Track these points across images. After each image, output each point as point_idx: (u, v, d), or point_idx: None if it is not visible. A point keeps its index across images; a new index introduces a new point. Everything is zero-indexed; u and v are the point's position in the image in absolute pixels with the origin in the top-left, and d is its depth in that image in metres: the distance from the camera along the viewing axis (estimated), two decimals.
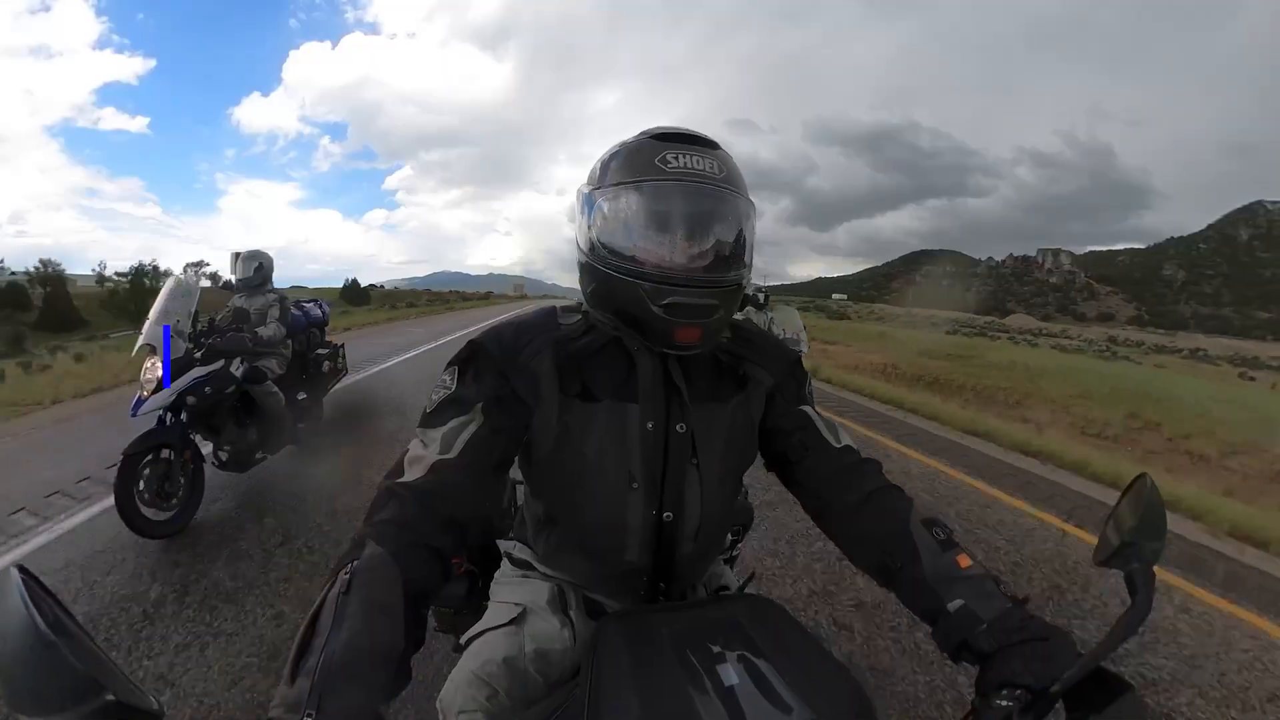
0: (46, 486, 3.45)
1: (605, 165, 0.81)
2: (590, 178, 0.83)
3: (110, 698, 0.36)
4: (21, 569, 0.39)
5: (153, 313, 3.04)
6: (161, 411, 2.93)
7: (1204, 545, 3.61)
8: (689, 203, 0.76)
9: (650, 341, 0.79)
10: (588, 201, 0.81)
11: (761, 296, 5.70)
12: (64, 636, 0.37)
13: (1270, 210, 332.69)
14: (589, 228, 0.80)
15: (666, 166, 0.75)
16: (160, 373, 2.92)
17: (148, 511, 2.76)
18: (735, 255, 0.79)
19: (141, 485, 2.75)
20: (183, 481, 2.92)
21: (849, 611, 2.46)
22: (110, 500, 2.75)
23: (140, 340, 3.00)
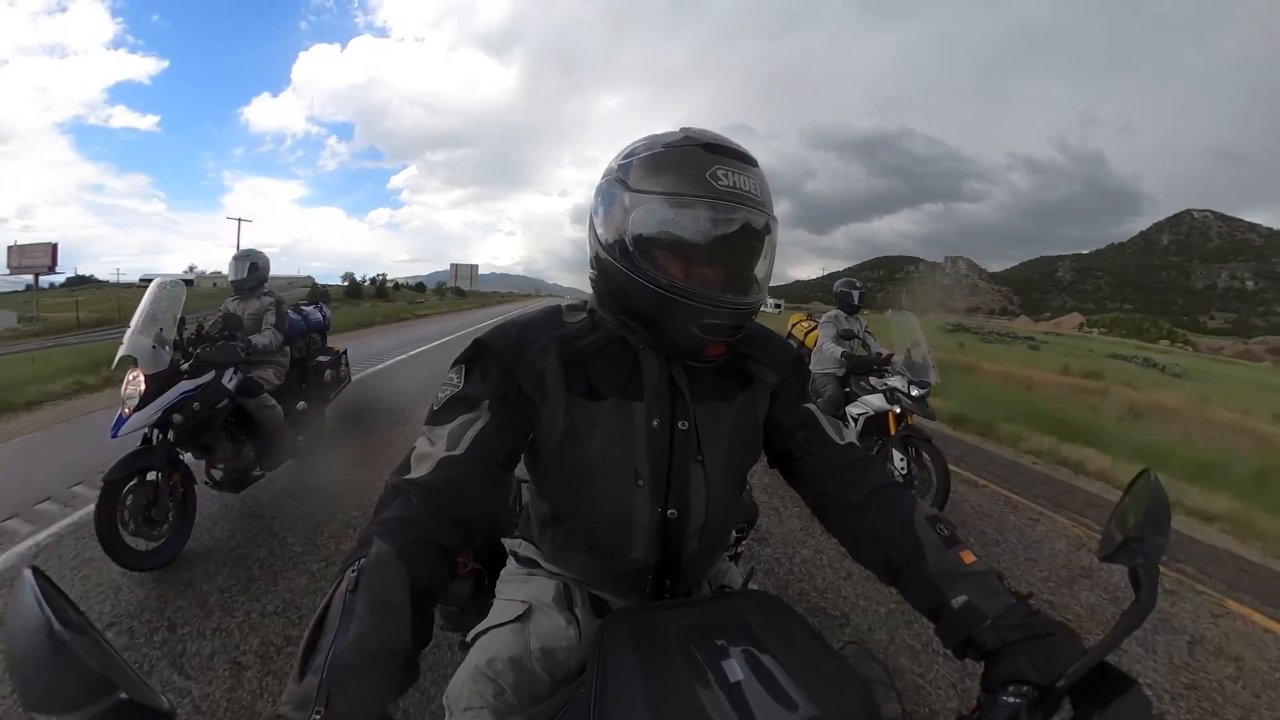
0: None
1: (644, 163, 0.76)
2: (621, 170, 0.78)
3: (123, 696, 0.36)
4: (35, 569, 0.39)
5: (135, 320, 2.71)
6: (146, 430, 2.63)
7: None
8: (739, 227, 0.74)
9: (675, 353, 0.79)
10: (617, 197, 0.76)
11: (855, 296, 4.16)
12: (77, 636, 0.37)
13: (1196, 218, 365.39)
14: (621, 228, 0.76)
15: (717, 183, 0.72)
16: (143, 387, 2.61)
17: (133, 542, 2.46)
18: (765, 277, 0.79)
19: (126, 513, 2.45)
20: (171, 507, 2.62)
21: None
22: None
23: (120, 350, 2.67)
